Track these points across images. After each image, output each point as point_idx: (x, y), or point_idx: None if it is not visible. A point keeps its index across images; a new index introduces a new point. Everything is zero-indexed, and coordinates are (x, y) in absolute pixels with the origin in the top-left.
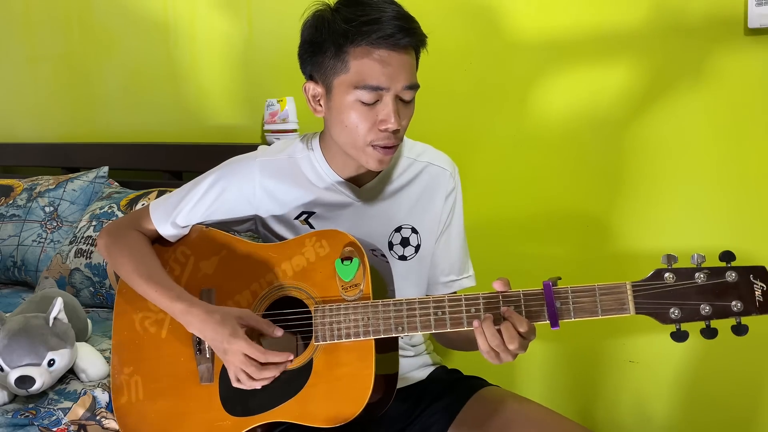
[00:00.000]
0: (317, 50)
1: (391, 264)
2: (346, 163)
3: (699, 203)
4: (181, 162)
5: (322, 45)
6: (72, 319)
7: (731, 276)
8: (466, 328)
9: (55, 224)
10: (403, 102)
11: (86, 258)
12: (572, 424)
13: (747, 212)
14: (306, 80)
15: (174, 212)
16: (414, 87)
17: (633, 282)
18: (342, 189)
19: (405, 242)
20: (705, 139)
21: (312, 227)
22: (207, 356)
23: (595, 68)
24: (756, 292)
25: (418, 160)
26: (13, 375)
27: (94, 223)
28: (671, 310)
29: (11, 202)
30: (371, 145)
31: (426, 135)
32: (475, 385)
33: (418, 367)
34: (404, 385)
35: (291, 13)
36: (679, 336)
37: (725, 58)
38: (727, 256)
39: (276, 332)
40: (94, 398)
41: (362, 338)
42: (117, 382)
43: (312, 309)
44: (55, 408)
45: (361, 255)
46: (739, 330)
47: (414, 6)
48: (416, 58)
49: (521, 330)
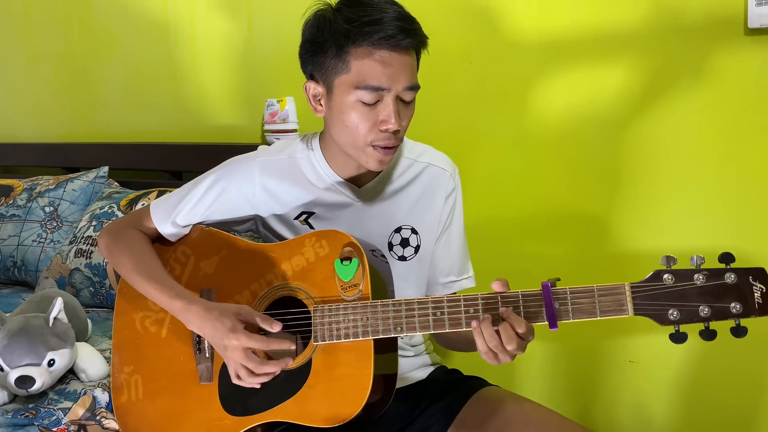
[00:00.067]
0: (318, 50)
1: (391, 264)
2: (346, 164)
3: (698, 203)
4: (181, 162)
5: (324, 45)
6: (72, 319)
7: (730, 278)
8: (465, 329)
9: (55, 224)
10: (404, 102)
11: (86, 258)
12: (572, 424)
13: (747, 212)
14: (307, 80)
15: (174, 212)
16: (415, 88)
17: (632, 283)
18: (342, 189)
19: (405, 243)
20: (705, 139)
21: (312, 227)
22: (207, 355)
23: (595, 68)
24: (755, 294)
25: (418, 161)
26: (13, 375)
27: (94, 223)
28: (670, 312)
29: (11, 202)
30: (371, 146)
31: (426, 135)
32: (475, 385)
33: (418, 367)
34: (404, 385)
35: (291, 13)
36: (678, 337)
37: (725, 58)
38: (727, 258)
39: (274, 327)
40: (94, 398)
41: (361, 338)
42: (117, 381)
43: (311, 309)
44: (55, 408)
45: (361, 255)
46: (738, 332)
47: (414, 6)
48: (417, 59)
49: (519, 331)
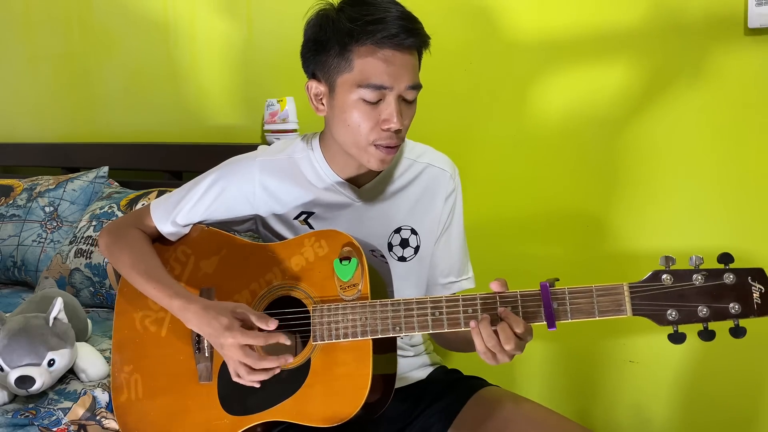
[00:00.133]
0: (321, 49)
1: (391, 265)
2: (347, 163)
3: (698, 203)
4: (181, 162)
5: (326, 43)
6: (72, 319)
7: (729, 278)
8: (463, 329)
9: (55, 224)
10: (406, 102)
11: (86, 258)
12: (572, 425)
13: (746, 212)
14: (308, 79)
15: (174, 211)
16: (417, 87)
17: (630, 283)
18: (341, 189)
19: (404, 243)
20: (704, 139)
21: (311, 227)
22: (206, 355)
23: (595, 68)
24: (754, 294)
25: (418, 162)
26: (13, 375)
27: (94, 223)
28: (668, 312)
29: (11, 202)
30: (373, 145)
31: (426, 135)
32: (475, 385)
33: (418, 367)
34: (404, 385)
35: (291, 13)
36: (677, 338)
37: (725, 58)
38: (726, 258)
39: (270, 324)
40: (94, 398)
41: (360, 338)
42: (117, 381)
43: (310, 309)
44: (55, 408)
45: (360, 255)
46: (737, 332)
47: (414, 6)
48: (419, 59)
49: (518, 331)
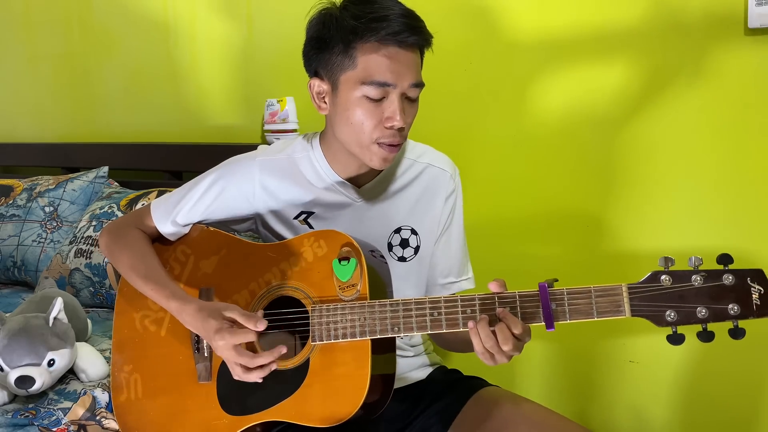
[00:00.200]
0: (324, 46)
1: (391, 265)
2: (348, 163)
3: (697, 203)
4: (181, 162)
5: (330, 41)
6: (72, 319)
7: (728, 279)
8: (462, 329)
9: (55, 224)
10: (409, 100)
11: (86, 258)
12: (572, 425)
13: (745, 212)
14: (310, 77)
15: (174, 210)
16: (420, 85)
17: (629, 284)
18: (341, 189)
19: (404, 243)
20: (704, 139)
21: (311, 227)
22: (205, 355)
23: (595, 67)
24: (753, 296)
25: (419, 162)
26: (13, 375)
27: (94, 223)
28: (667, 313)
29: (11, 202)
30: (376, 143)
31: (426, 135)
32: (475, 386)
33: (418, 368)
34: (403, 385)
35: (291, 13)
36: (675, 339)
37: (725, 58)
38: (725, 259)
39: (259, 325)
40: (94, 398)
41: (359, 338)
42: (117, 380)
43: (309, 309)
44: (55, 408)
45: (359, 255)
46: (736, 333)
47: (414, 6)
48: (421, 58)
49: (515, 332)
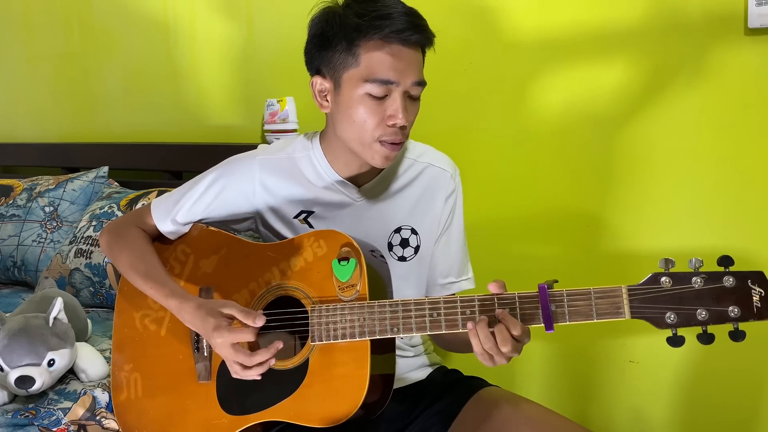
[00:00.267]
0: (327, 44)
1: (391, 265)
2: (349, 162)
3: (698, 203)
4: (181, 162)
5: (333, 39)
6: (72, 319)
7: (729, 281)
8: (461, 330)
9: (55, 224)
10: (411, 99)
11: (86, 258)
12: (572, 425)
13: (746, 212)
14: (312, 75)
15: (174, 209)
16: (422, 84)
17: (629, 286)
18: (341, 189)
19: (404, 243)
20: (704, 139)
21: (311, 227)
22: (205, 354)
23: (595, 67)
24: (754, 298)
25: (419, 161)
26: (13, 375)
27: (94, 223)
28: (667, 315)
29: (11, 202)
30: (378, 141)
31: (426, 135)
32: (475, 386)
33: (418, 368)
34: (403, 386)
35: (291, 13)
36: (676, 341)
37: (725, 58)
38: (725, 261)
39: (258, 321)
40: (94, 398)
41: (358, 339)
42: (117, 380)
43: (309, 309)
44: (55, 408)
45: (358, 255)
46: (737, 336)
47: (415, 6)
48: (423, 57)
49: (514, 333)
